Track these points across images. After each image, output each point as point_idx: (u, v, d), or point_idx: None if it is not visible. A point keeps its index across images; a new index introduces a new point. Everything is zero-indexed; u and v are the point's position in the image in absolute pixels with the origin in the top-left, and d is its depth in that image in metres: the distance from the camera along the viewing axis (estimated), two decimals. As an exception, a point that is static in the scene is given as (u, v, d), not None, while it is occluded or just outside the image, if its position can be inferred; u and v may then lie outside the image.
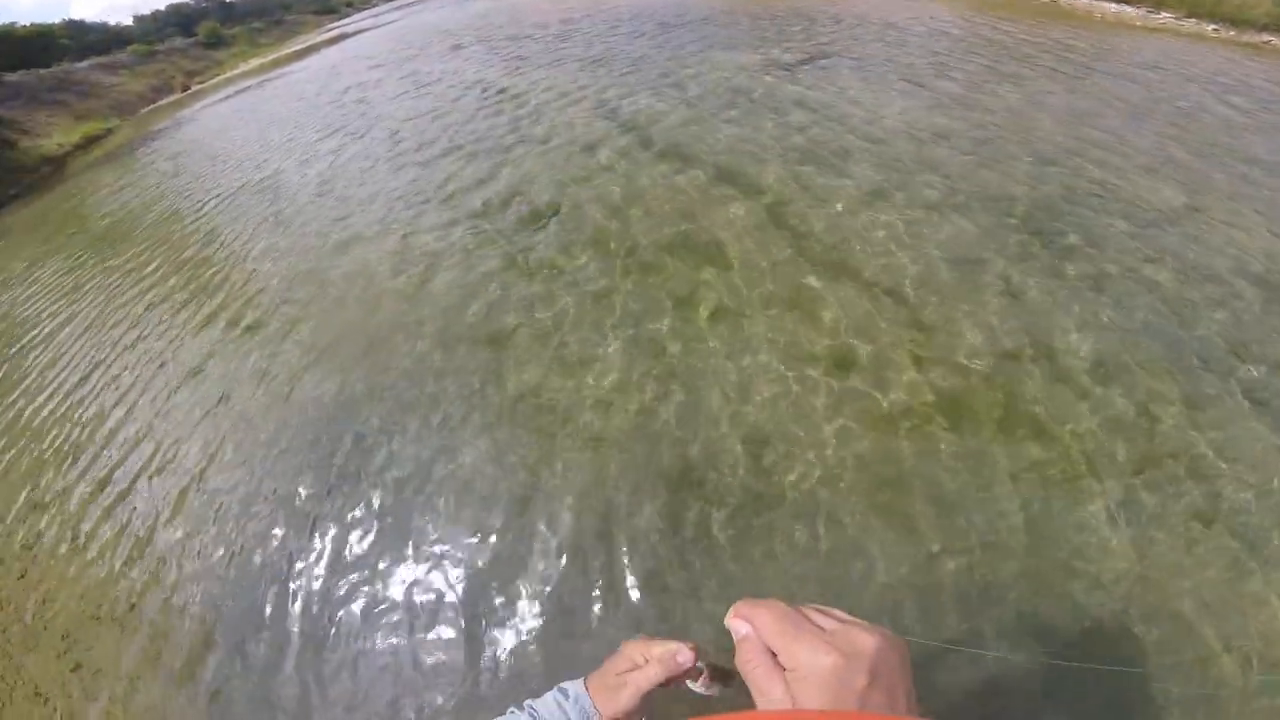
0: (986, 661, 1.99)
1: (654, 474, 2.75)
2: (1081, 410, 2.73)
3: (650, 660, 0.75)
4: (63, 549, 3.36)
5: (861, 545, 2.35)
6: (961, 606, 2.13)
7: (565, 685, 0.83)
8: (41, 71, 25.36)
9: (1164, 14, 10.56)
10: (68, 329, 5.89)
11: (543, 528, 2.64)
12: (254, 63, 28.54)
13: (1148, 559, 2.19)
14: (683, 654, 0.74)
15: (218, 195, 8.37)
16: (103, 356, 5.12)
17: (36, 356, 5.58)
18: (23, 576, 3.26)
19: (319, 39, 30.37)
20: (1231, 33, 9.58)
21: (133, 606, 2.90)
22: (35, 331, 6.12)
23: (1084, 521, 2.32)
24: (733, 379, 3.13)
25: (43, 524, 3.58)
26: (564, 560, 2.52)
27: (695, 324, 3.53)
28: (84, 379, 4.90)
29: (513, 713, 0.81)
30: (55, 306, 6.55)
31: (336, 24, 39.78)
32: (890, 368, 3.05)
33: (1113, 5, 11.26)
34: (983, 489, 2.47)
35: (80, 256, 7.94)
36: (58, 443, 4.25)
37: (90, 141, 19.41)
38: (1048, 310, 3.30)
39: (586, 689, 0.80)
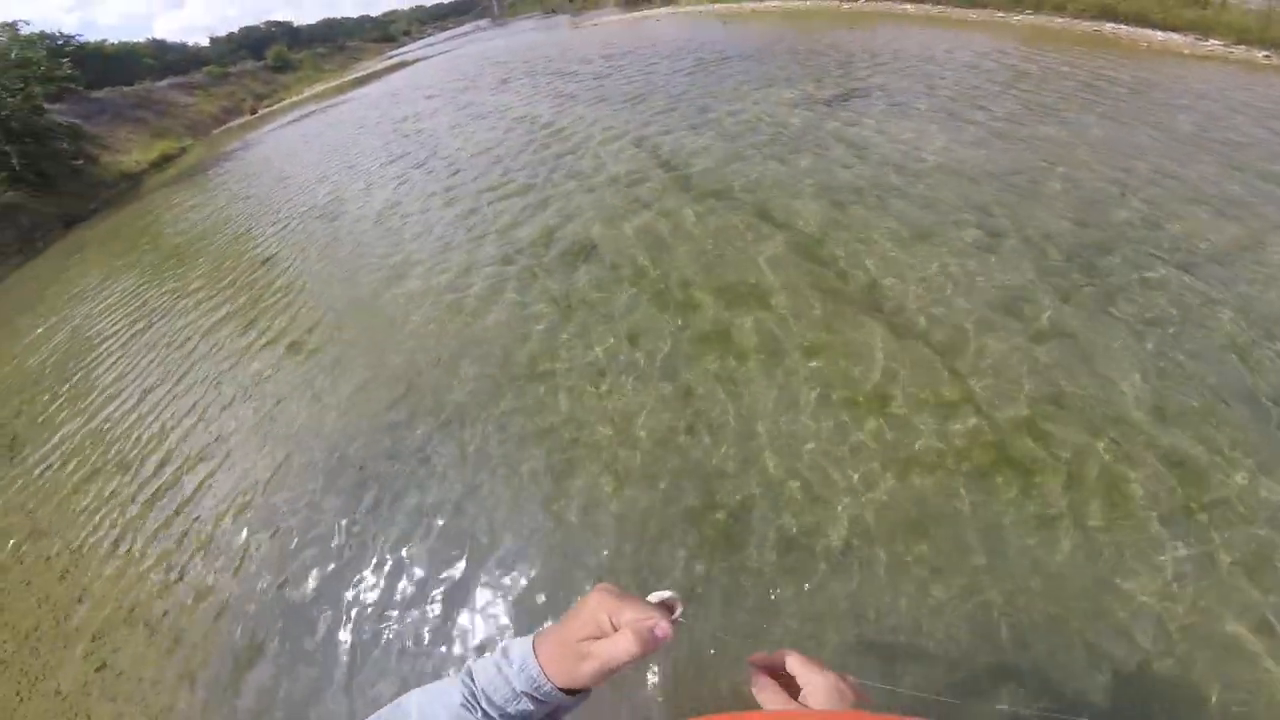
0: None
1: (689, 511, 2.84)
2: (1132, 458, 2.70)
3: (621, 630, 0.63)
4: (107, 553, 3.62)
5: (895, 588, 2.38)
6: (992, 658, 2.14)
7: (509, 645, 0.70)
8: (125, 89, 27.15)
9: (1212, 41, 10.23)
10: (134, 346, 6.32)
11: (580, 559, 2.75)
12: (318, 88, 30.15)
13: (1195, 610, 2.16)
14: (662, 627, 0.62)
15: (283, 219, 8.91)
16: (165, 373, 5.49)
17: (104, 370, 6.00)
18: (64, 577, 3.53)
19: (379, 66, 31.92)
20: (1286, 63, 9.21)
21: (165, 613, 3.11)
22: (104, 346, 6.57)
23: (1132, 570, 2.30)
24: (770, 420, 3.20)
25: (92, 528, 3.87)
26: (577, 583, 2.62)
27: (733, 365, 3.62)
28: (146, 394, 5.25)
29: (447, 676, 0.71)
30: (124, 323, 7.03)
31: (395, 51, 41.81)
32: (931, 411, 3.07)
33: (1159, 34, 10.96)
34: (1027, 534, 2.47)
35: (150, 274, 8.51)
36: (116, 454, 4.56)
37: (165, 160, 20.73)
38: (1097, 353, 3.27)
39: (535, 653, 0.67)
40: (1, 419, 5.60)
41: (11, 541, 3.95)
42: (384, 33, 56.17)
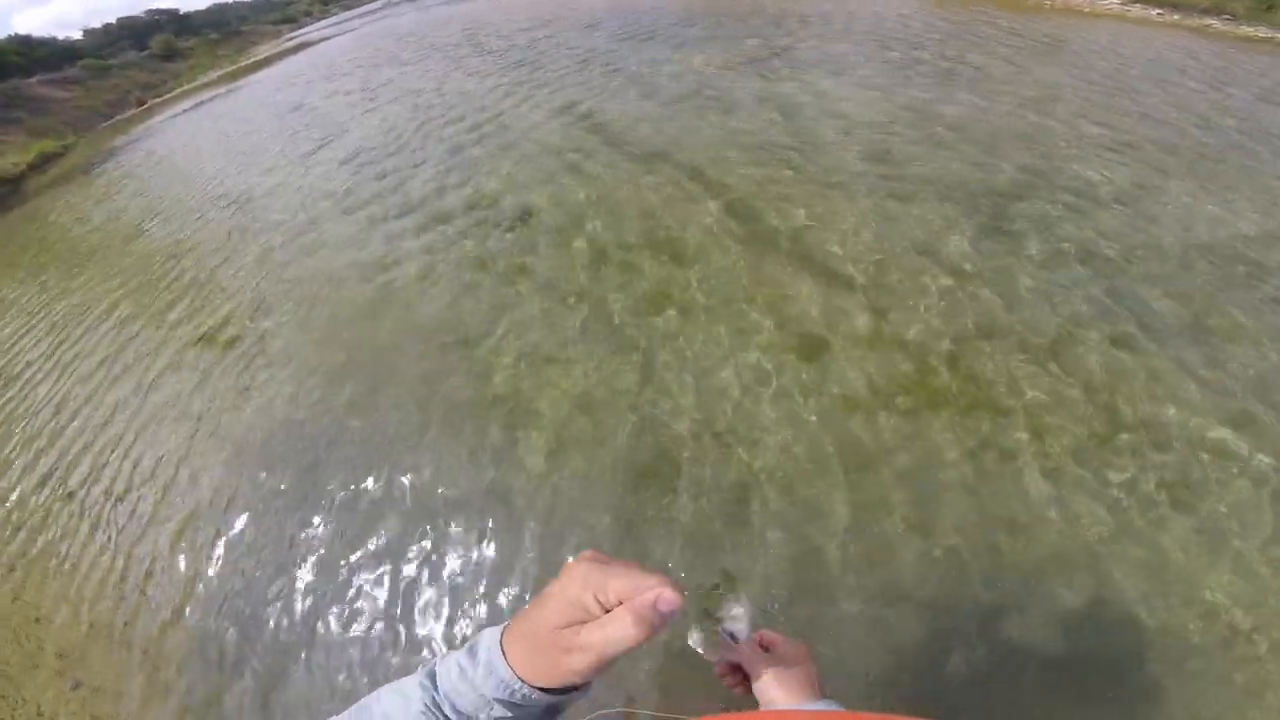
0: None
1: (624, 463, 2.88)
2: (1036, 385, 2.90)
3: (615, 611, 0.48)
4: (52, 570, 3.36)
5: (822, 524, 2.49)
6: (922, 580, 2.27)
7: (476, 641, 0.58)
8: (-11, 89, 24.50)
9: None
10: (42, 358, 5.78)
11: (521, 524, 2.76)
12: (213, 74, 27.96)
13: (1093, 528, 2.35)
14: (666, 599, 0.46)
15: (183, 211, 8.26)
16: (82, 384, 5.03)
17: (16, 387, 5.47)
18: (16, 598, 3.25)
19: (280, 48, 29.85)
20: (1176, 16, 9.97)
21: (126, 623, 2.93)
22: (16, 360, 5.98)
23: (1033, 493, 2.48)
24: (699, 371, 3.26)
25: (31, 547, 3.57)
26: (539, 551, 2.64)
27: (662, 319, 3.66)
28: (63, 407, 4.81)
29: (416, 680, 0.59)
30: (29, 335, 6.40)
31: (296, 33, 39.10)
32: (850, 353, 3.21)
33: (1061, -7, 11.60)
34: (942, 467, 2.62)
35: (47, 282, 7.76)
36: (43, 468, 4.20)
37: (46, 160, 18.82)
38: (1004, 291, 3.47)
39: (504, 650, 0.54)
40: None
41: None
42: (284, 14, 52.34)
